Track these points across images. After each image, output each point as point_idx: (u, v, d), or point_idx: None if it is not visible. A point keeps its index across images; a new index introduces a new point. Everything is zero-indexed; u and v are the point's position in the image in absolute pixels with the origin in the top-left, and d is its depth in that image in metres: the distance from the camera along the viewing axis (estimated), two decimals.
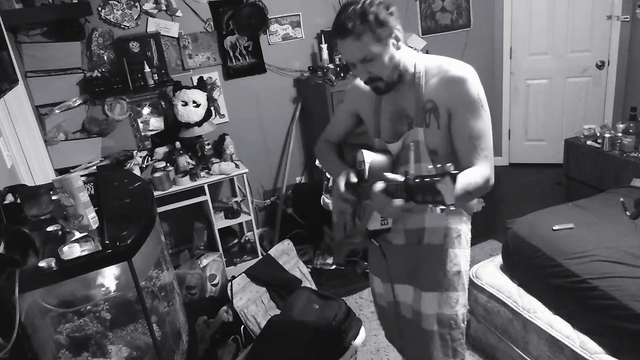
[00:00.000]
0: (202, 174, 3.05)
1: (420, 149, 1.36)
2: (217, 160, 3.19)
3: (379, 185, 1.17)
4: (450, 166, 0.96)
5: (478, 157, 1.30)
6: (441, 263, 1.49)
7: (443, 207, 0.97)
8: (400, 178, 1.13)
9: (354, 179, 1.39)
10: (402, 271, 1.54)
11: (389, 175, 1.17)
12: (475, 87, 1.30)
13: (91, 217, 1.61)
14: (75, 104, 2.97)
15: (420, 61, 1.38)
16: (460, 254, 1.51)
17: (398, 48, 1.32)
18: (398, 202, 1.13)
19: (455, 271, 1.50)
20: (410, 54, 1.39)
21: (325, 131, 1.72)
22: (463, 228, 1.51)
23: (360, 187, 1.39)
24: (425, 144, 1.36)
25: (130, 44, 2.98)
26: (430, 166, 1.04)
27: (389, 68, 1.32)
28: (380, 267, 1.60)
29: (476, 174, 1.26)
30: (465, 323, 1.56)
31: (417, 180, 1.03)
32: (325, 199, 2.75)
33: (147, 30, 3.08)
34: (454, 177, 0.95)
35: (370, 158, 1.39)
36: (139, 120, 3.21)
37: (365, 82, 1.39)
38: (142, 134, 3.24)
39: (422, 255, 1.50)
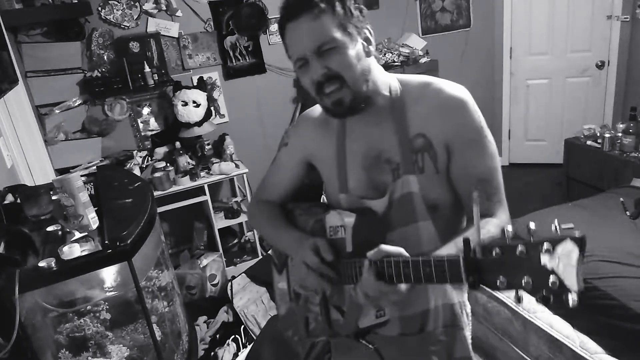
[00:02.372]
0: (202, 174, 3.05)
1: (415, 205, 0.99)
2: (217, 160, 3.19)
3: (371, 265, 0.84)
4: (570, 229, 0.62)
5: (495, 205, 0.98)
6: (448, 352, 1.11)
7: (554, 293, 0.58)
8: (394, 248, 0.83)
9: (328, 254, 0.97)
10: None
11: (387, 247, 0.84)
12: (477, 111, 0.99)
13: (91, 217, 1.61)
14: (75, 104, 2.97)
15: (396, 82, 1.04)
16: (468, 334, 1.15)
17: (369, 55, 0.98)
18: (403, 287, 0.83)
19: (464, 357, 1.13)
20: (384, 72, 1.04)
21: (263, 186, 1.26)
22: (465, 298, 1.14)
23: (342, 265, 0.97)
24: (421, 196, 0.99)
25: (130, 44, 2.98)
26: (509, 226, 0.66)
27: (356, 70, 0.95)
28: None
29: (493, 227, 0.93)
30: None
31: (493, 251, 0.65)
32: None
33: (147, 30, 3.08)
34: (581, 244, 0.57)
35: (349, 221, 0.99)
36: (139, 120, 3.21)
37: (319, 93, 0.97)
38: (142, 134, 3.23)
39: (424, 346, 1.09)
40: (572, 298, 0.57)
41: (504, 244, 0.65)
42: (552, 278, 0.58)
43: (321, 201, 1.24)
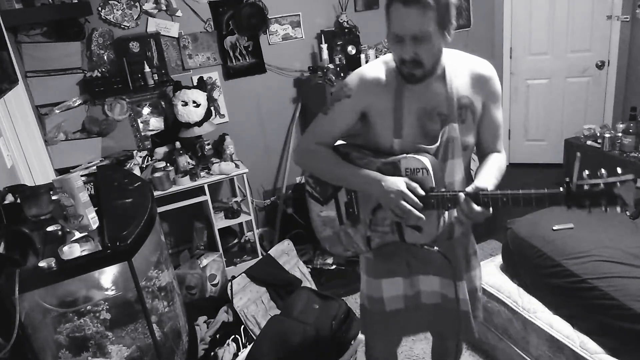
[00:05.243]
0: (202, 174, 3.05)
1: (456, 146, 1.36)
2: (217, 160, 3.19)
3: (468, 197, 1.22)
4: (624, 172, 0.99)
5: (500, 144, 1.48)
6: (466, 250, 1.57)
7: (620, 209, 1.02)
8: (477, 186, 1.23)
9: (420, 190, 1.29)
10: (429, 266, 1.52)
11: (480, 184, 1.24)
12: (499, 81, 1.43)
13: (91, 217, 1.61)
14: (75, 104, 2.97)
15: (447, 56, 1.37)
16: (473, 238, 1.62)
17: (446, 43, 1.30)
18: (489, 211, 1.23)
19: (474, 251, 1.61)
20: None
21: (316, 132, 1.49)
22: None
23: (426, 197, 1.29)
24: (460, 140, 1.36)
25: (130, 44, 2.98)
26: (586, 172, 1.06)
27: (434, 57, 1.29)
28: (399, 265, 1.55)
29: (503, 159, 1.46)
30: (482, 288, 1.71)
31: (585, 187, 1.04)
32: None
33: (147, 30, 3.07)
34: (636, 181, 0.98)
35: (429, 164, 1.29)
36: (139, 120, 3.21)
37: (401, 64, 1.29)
38: (142, 134, 3.24)
39: (452, 248, 1.51)
40: (631, 210, 1.04)
41: (591, 186, 1.05)
42: (620, 202, 1.02)
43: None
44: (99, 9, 2.95)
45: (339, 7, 3.53)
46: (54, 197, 1.65)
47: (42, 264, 1.34)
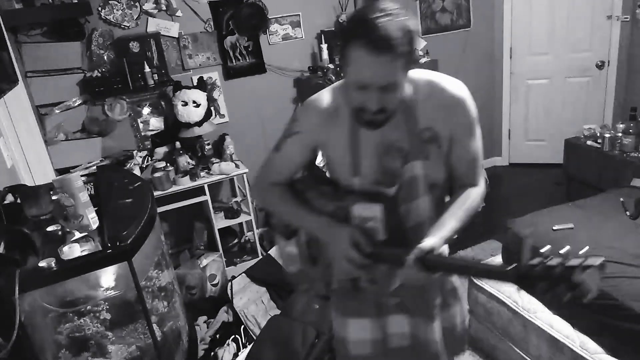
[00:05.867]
0: (202, 174, 3.05)
1: (419, 185, 1.19)
2: (217, 160, 3.19)
3: (416, 260, 1.05)
4: (589, 253, 0.85)
5: (477, 177, 1.25)
6: (441, 287, 1.39)
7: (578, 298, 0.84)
8: (422, 248, 1.05)
9: (367, 245, 1.15)
10: (398, 306, 1.37)
11: (425, 246, 1.06)
12: (472, 105, 1.18)
13: (91, 217, 1.61)
14: (75, 104, 2.97)
15: (407, 82, 1.13)
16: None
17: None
18: (437, 275, 1.07)
19: (452, 288, 1.41)
20: None
21: (268, 171, 1.38)
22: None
23: (381, 255, 1.17)
24: (424, 177, 1.19)
25: (130, 44, 2.98)
26: (546, 247, 0.90)
27: (399, 99, 1.09)
28: (367, 306, 1.39)
29: (477, 195, 1.23)
30: (467, 324, 1.52)
31: (538, 267, 0.88)
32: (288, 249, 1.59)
33: (147, 30, 3.07)
34: (602, 267, 0.83)
35: (379, 215, 1.16)
36: (139, 120, 3.21)
37: (361, 112, 1.09)
38: (142, 134, 3.24)
39: (423, 290, 1.34)
40: (591, 297, 0.83)
41: (545, 267, 0.88)
42: (583, 289, 0.82)
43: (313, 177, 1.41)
44: (99, 9, 2.95)
45: (339, 7, 3.53)
46: (54, 197, 1.65)
47: (42, 264, 1.35)
